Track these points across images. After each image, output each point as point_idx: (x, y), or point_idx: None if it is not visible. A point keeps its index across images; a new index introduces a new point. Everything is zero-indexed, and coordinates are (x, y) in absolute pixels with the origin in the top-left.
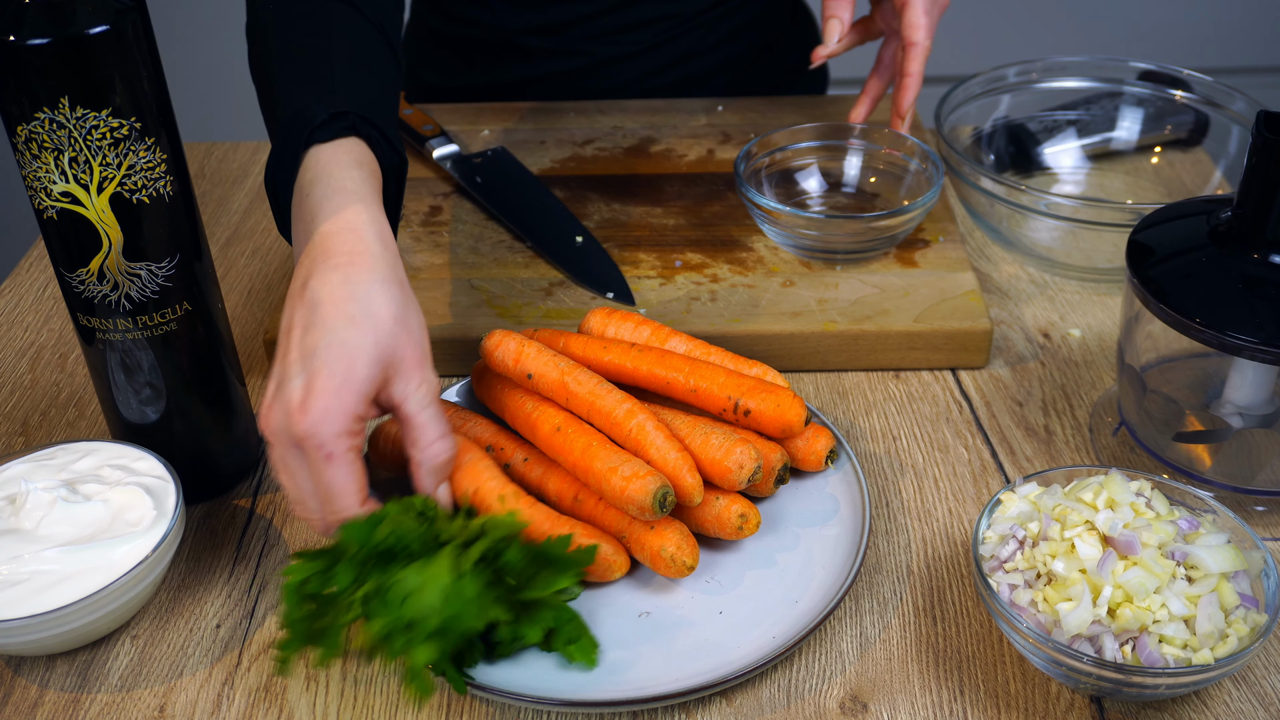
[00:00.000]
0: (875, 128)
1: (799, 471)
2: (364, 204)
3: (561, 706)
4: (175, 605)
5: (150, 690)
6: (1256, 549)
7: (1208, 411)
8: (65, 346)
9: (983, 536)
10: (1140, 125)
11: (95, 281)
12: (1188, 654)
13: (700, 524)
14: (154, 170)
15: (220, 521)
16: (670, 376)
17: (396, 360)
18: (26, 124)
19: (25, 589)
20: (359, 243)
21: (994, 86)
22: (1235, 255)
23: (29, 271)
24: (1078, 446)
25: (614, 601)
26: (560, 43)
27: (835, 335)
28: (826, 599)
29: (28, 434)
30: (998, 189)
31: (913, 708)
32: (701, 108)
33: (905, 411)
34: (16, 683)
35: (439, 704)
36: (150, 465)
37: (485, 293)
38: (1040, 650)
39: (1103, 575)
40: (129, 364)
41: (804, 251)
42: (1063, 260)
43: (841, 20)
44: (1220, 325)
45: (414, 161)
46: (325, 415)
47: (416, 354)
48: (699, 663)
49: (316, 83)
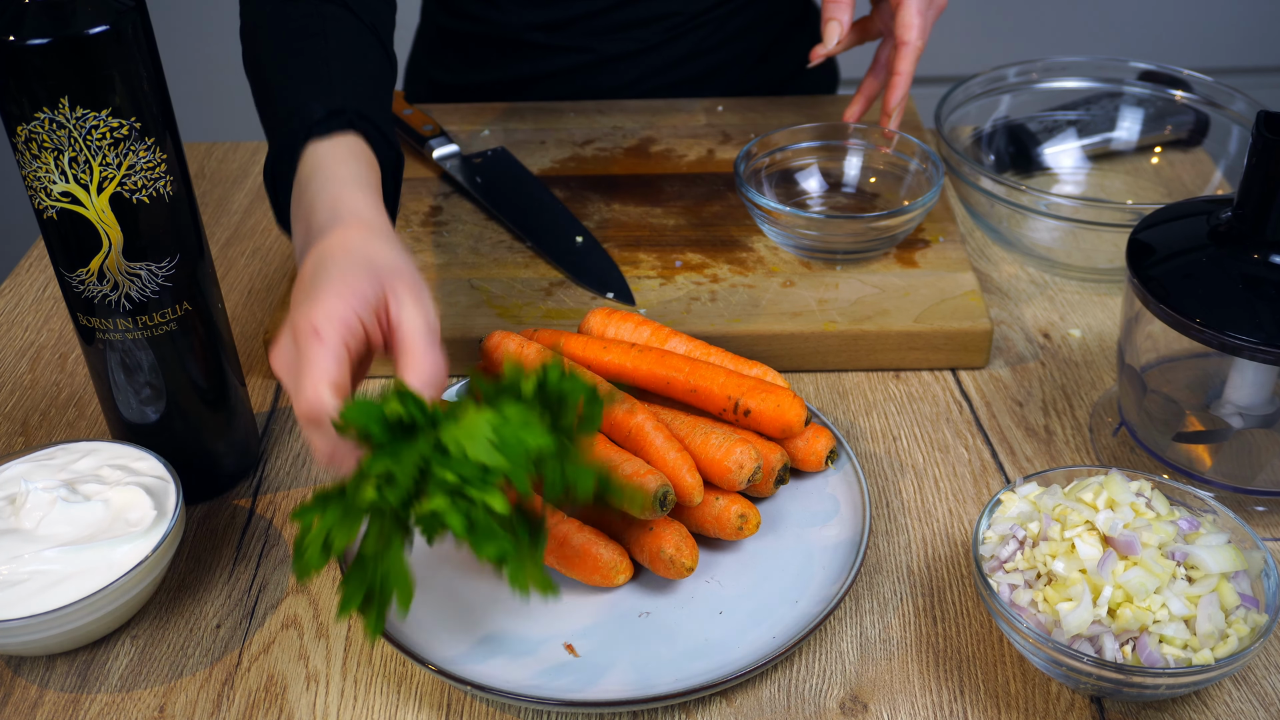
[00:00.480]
0: (875, 128)
1: (799, 471)
2: (362, 191)
3: (561, 706)
4: (175, 605)
5: (150, 690)
6: (1257, 549)
7: (1208, 412)
8: (65, 346)
9: (983, 536)
10: (1140, 125)
11: (95, 281)
12: (1188, 654)
13: (700, 524)
14: (154, 170)
15: (220, 521)
16: (670, 376)
17: (393, 285)
18: (26, 124)
19: (25, 589)
20: (357, 219)
21: (994, 86)
22: (1235, 255)
23: (29, 271)
24: (1078, 446)
25: (614, 602)
26: (565, 39)
27: (835, 335)
28: (826, 599)
29: (28, 434)
30: (998, 189)
31: (913, 708)
32: (701, 108)
33: (905, 411)
34: (16, 683)
35: (439, 704)
36: (150, 465)
37: (485, 293)
38: (1040, 650)
39: (1103, 575)
40: (129, 364)
41: (804, 251)
42: (1063, 260)
43: (840, 22)
44: (1220, 325)
45: (414, 161)
46: (322, 309)
47: (413, 286)
48: (699, 663)
49: (314, 81)
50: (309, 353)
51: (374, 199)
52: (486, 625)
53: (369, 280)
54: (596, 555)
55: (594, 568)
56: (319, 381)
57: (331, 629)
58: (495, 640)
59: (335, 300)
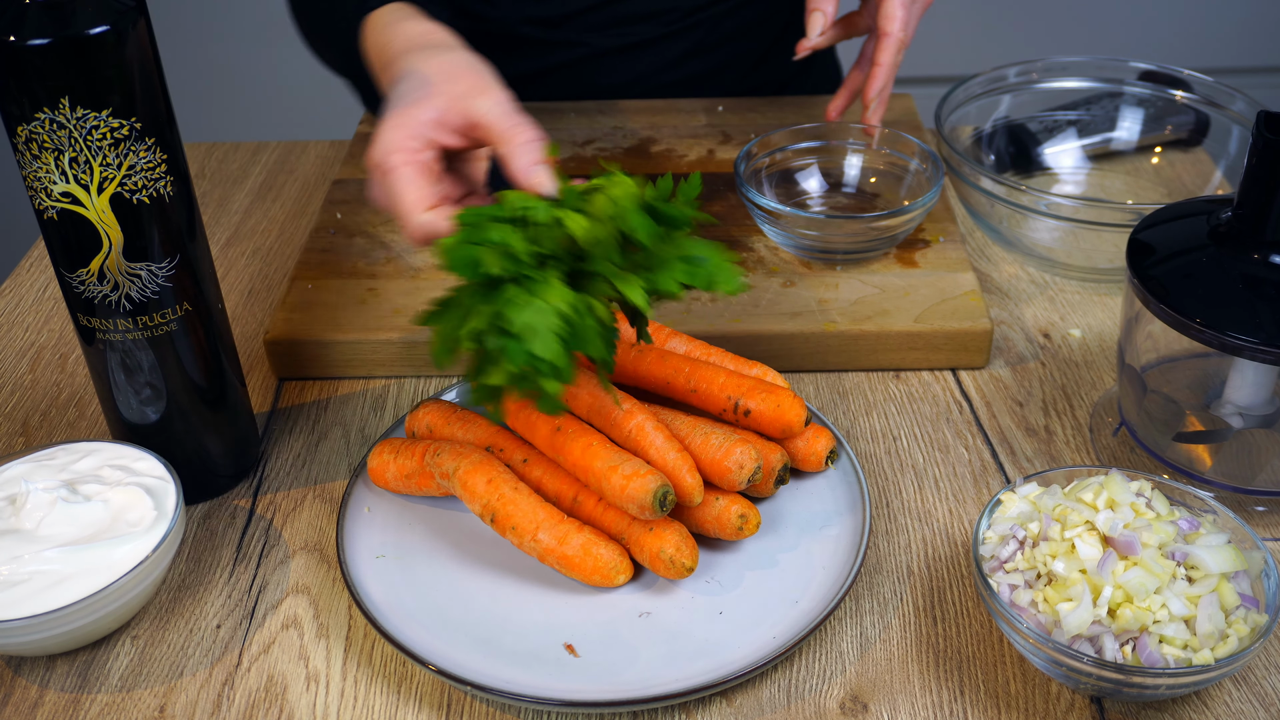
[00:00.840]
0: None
1: (799, 471)
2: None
3: (561, 706)
4: (175, 605)
5: (150, 690)
6: (1257, 549)
7: (1208, 411)
8: (65, 347)
9: (983, 537)
10: (1140, 125)
11: (95, 282)
12: (1188, 654)
13: (700, 524)
14: (154, 170)
15: (220, 521)
16: (670, 377)
17: (460, 90)
18: (27, 124)
19: (25, 589)
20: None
21: (994, 86)
22: (1235, 255)
23: (29, 272)
24: (1078, 446)
25: (614, 602)
26: (559, 34)
27: (835, 335)
28: (826, 599)
29: (28, 434)
30: (998, 189)
31: (913, 708)
32: (701, 108)
33: (905, 412)
34: (16, 683)
35: (439, 704)
36: (150, 465)
37: None
38: (1040, 650)
39: (1103, 575)
40: (129, 364)
41: (804, 251)
42: (1063, 260)
43: (825, 12)
44: (1220, 325)
45: None
46: (384, 143)
47: (481, 81)
48: (699, 663)
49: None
50: (387, 185)
51: (419, 22)
52: (486, 625)
53: (426, 96)
54: (596, 555)
55: (594, 568)
56: (410, 209)
57: (332, 629)
58: (495, 640)
59: (392, 132)
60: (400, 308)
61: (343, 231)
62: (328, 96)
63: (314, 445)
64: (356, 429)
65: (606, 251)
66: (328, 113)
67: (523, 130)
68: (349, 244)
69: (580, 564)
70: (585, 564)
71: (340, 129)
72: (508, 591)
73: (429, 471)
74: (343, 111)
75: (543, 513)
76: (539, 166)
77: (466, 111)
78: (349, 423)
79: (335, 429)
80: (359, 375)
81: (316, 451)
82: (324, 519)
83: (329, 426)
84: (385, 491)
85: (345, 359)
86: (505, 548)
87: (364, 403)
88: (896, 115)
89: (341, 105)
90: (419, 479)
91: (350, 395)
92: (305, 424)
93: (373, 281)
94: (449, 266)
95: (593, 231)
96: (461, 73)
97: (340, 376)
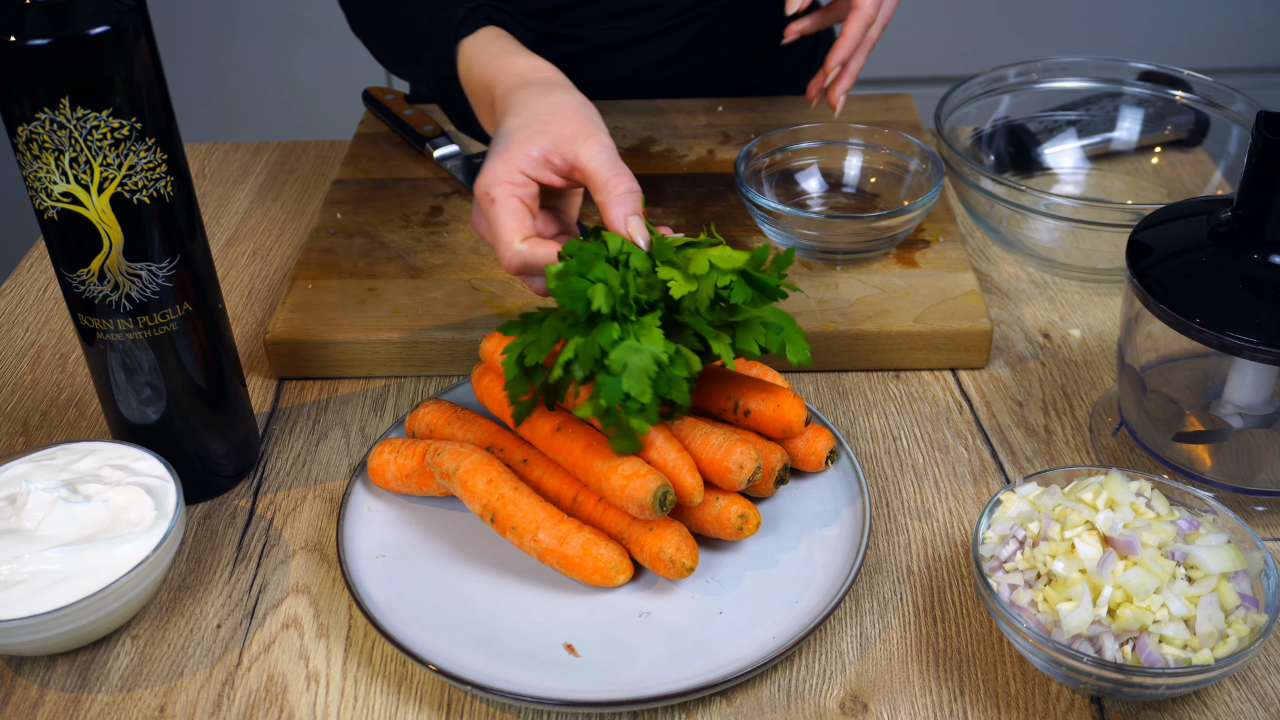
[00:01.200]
0: (875, 129)
1: (799, 471)
2: (513, 55)
3: (561, 706)
4: (175, 605)
5: (150, 690)
6: (1256, 549)
7: (1208, 411)
8: (66, 347)
9: (983, 536)
10: (1140, 125)
11: (96, 282)
12: (1188, 654)
13: (700, 524)
14: (154, 170)
15: (220, 521)
16: None
17: (568, 133)
18: (27, 124)
19: (26, 589)
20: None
21: (994, 86)
22: (1235, 255)
23: (29, 272)
24: (1078, 446)
25: (614, 602)
26: (554, 27)
27: (835, 335)
28: (826, 599)
29: (28, 434)
30: (998, 189)
31: (913, 708)
32: (701, 108)
33: (905, 411)
34: (16, 683)
35: (439, 704)
36: (150, 465)
37: (485, 293)
38: (1040, 650)
39: (1103, 575)
40: (129, 364)
41: (804, 251)
42: (1063, 260)
43: None
44: (1220, 325)
45: (414, 162)
46: (491, 174)
47: (589, 126)
48: (699, 663)
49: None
50: (489, 216)
51: (526, 56)
52: (486, 625)
53: (535, 134)
54: (596, 555)
55: (594, 568)
56: (509, 239)
57: (332, 629)
58: (495, 640)
59: (499, 165)
60: (400, 308)
61: (343, 231)
62: (328, 96)
63: (314, 445)
64: (356, 429)
65: (699, 307)
66: (328, 113)
67: (623, 181)
68: (349, 244)
69: (580, 564)
70: (585, 564)
71: (340, 129)
72: (508, 591)
73: (429, 471)
74: (343, 111)
75: (543, 513)
76: (635, 219)
77: (572, 154)
78: (349, 423)
79: (335, 429)
80: (359, 375)
81: (316, 451)
82: (324, 519)
83: (329, 426)
84: (385, 491)
85: (345, 359)
86: (505, 548)
87: (364, 403)
88: (896, 115)
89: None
90: (419, 479)
91: (350, 395)
92: (305, 424)
93: (373, 281)
94: (557, 295)
95: (690, 290)
96: (571, 115)
97: (340, 376)
